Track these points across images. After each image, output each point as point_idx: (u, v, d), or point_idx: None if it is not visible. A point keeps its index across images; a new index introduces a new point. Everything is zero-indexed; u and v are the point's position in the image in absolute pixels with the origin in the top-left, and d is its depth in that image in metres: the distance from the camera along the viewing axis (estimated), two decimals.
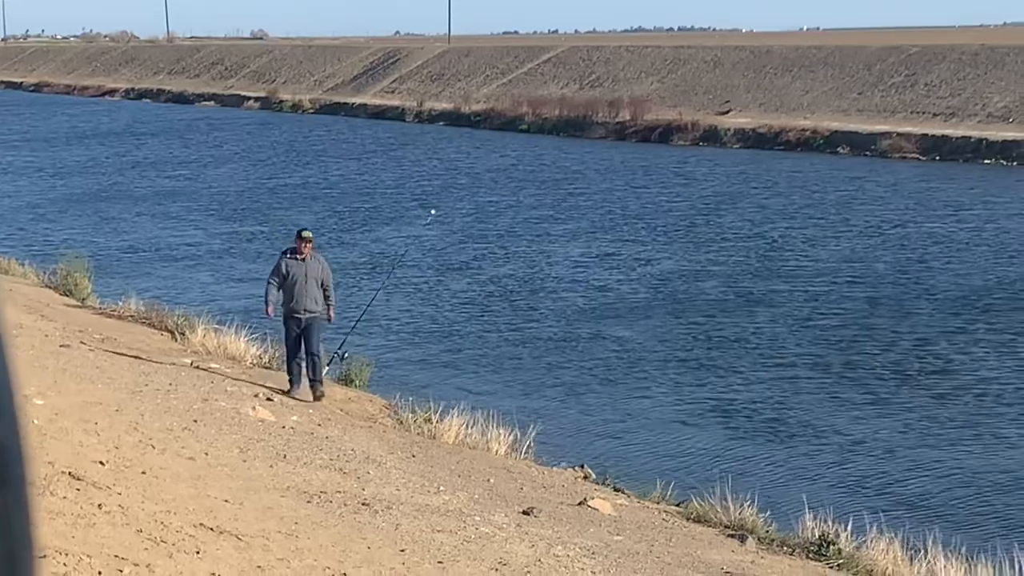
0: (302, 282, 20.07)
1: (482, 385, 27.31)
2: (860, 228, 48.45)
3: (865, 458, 22.90)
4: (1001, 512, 20.18)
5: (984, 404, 26.12)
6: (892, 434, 24.21)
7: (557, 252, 44.24)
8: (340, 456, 16.16)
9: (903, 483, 21.54)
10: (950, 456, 22.93)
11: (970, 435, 24.12)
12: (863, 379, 27.97)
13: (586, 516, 15.96)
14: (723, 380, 28.06)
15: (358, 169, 69.72)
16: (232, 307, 33.29)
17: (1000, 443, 23.68)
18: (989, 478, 21.81)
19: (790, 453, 23.16)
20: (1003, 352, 30.20)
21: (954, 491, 21.16)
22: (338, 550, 10.93)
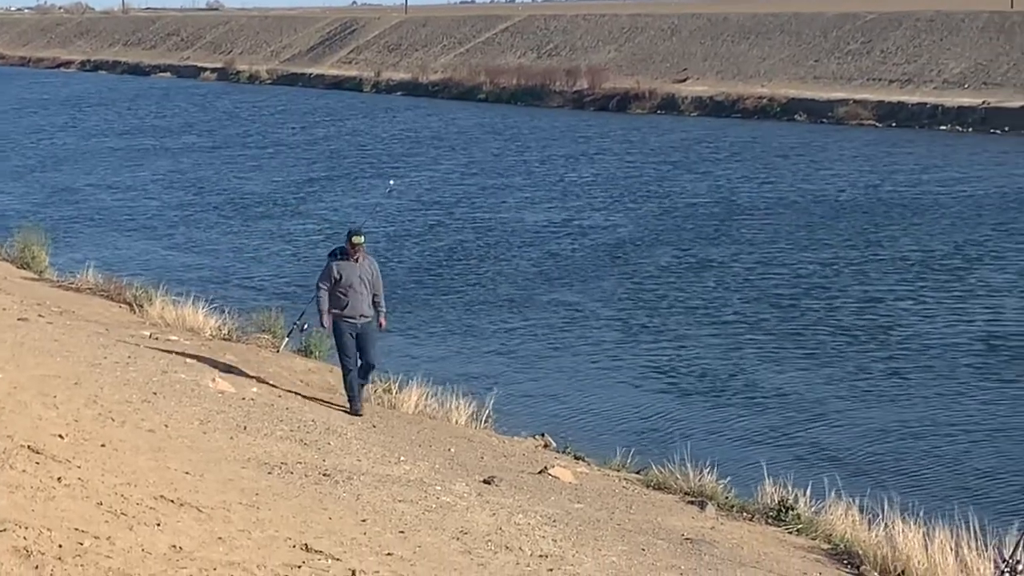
0: (357, 286, 18.29)
1: (441, 353, 27.34)
2: (814, 194, 48.58)
3: (823, 422, 23.02)
4: (958, 474, 20.31)
5: (939, 367, 26.27)
6: (849, 398, 24.33)
7: (512, 219, 44.28)
8: (301, 427, 16.13)
9: (861, 447, 21.66)
10: (908, 420, 23.06)
11: (927, 398, 24.26)
12: (820, 344, 28.09)
13: (547, 484, 15.99)
14: (680, 345, 28.17)
15: (314, 139, 69.48)
16: (188, 278, 33.22)
17: (957, 405, 23.83)
18: (946, 440, 21.95)
19: (748, 418, 23.26)
20: (957, 314, 30.39)
21: (911, 454, 21.28)
22: (299, 521, 10.93)
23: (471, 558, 11.33)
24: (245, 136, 71.32)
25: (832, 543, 15.04)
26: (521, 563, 11.57)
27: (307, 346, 23.56)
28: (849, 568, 14.21)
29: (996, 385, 25.13)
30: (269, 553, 9.39)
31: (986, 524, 14.09)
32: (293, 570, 9.07)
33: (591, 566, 12.11)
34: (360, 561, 9.95)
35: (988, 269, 35.35)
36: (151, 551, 8.66)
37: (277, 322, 24.66)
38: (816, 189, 49.88)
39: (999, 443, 21.84)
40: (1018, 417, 23.20)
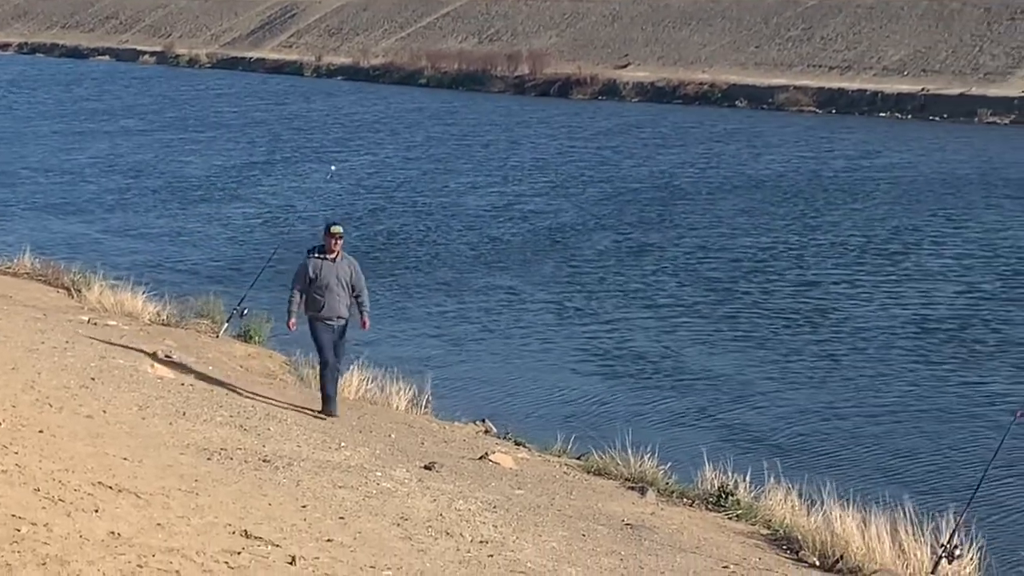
0: (334, 285, 17.44)
1: (380, 338, 27.28)
2: (755, 179, 48.77)
3: (762, 407, 23.13)
4: (896, 459, 20.46)
5: (876, 351, 26.47)
6: (788, 383, 24.47)
7: (452, 204, 44.30)
8: (240, 413, 16.09)
9: (800, 432, 21.78)
10: (845, 404, 23.21)
11: (864, 383, 24.42)
12: (758, 328, 28.24)
13: (487, 470, 16.01)
14: (619, 330, 28.26)
15: (254, 123, 69.14)
16: (126, 262, 33.04)
17: (893, 389, 24.00)
18: (883, 425, 22.11)
19: (688, 403, 23.34)
20: (893, 298, 30.64)
21: (850, 439, 21.42)
22: (239, 507, 10.90)
23: (411, 544, 11.33)
24: (183, 120, 70.87)
25: (771, 529, 15.13)
26: (462, 549, 11.59)
27: (247, 331, 23.50)
28: (788, 553, 14.30)
29: (932, 370, 25.32)
30: (208, 539, 9.37)
31: (923, 509, 14.21)
32: (233, 556, 9.05)
33: (532, 552, 12.13)
34: (300, 547, 9.94)
35: (925, 253, 35.66)
36: (89, 537, 8.62)
37: (216, 307, 24.58)
38: (756, 174, 50.05)
39: (935, 428, 22.01)
40: (953, 401, 23.39)
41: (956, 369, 25.46)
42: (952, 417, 22.62)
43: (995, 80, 70.31)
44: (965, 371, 25.31)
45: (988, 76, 70.97)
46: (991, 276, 33.08)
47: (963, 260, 34.93)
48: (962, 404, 23.33)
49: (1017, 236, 37.85)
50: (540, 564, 11.71)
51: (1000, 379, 24.82)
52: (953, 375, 25.09)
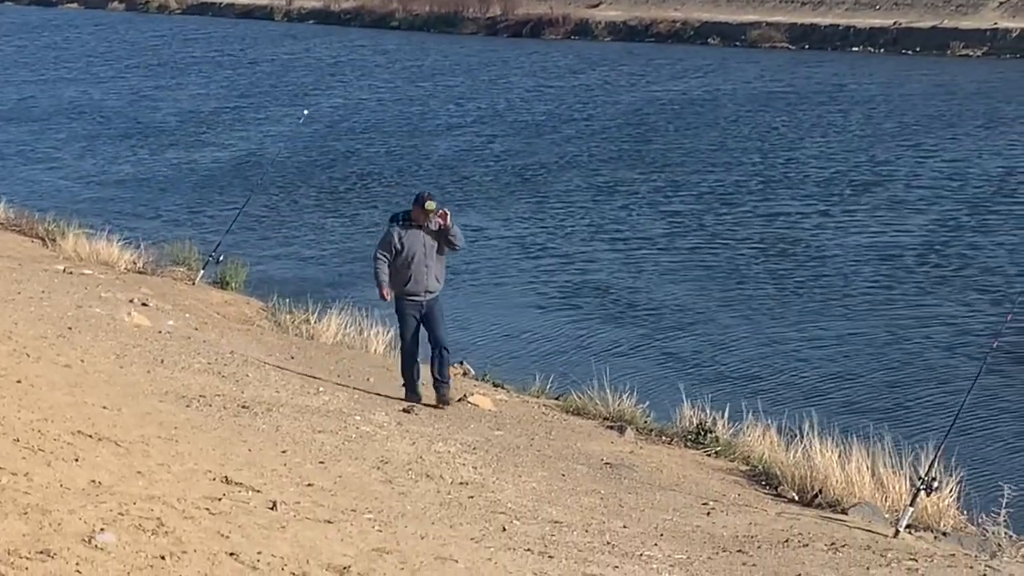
0: (420, 256, 15.51)
1: (354, 281, 27.26)
2: (727, 116, 48.76)
3: (739, 344, 23.20)
4: (873, 392, 20.55)
5: (854, 286, 26.55)
6: (763, 319, 24.53)
7: (424, 145, 44.30)
8: (218, 360, 16.08)
9: (777, 368, 21.85)
10: (822, 339, 23.29)
11: (840, 318, 24.50)
12: (732, 265, 28.32)
13: (466, 412, 16.04)
14: (592, 269, 28.33)
15: (223, 68, 68.75)
16: (100, 210, 32.94)
17: (869, 324, 24.08)
18: (860, 359, 22.19)
19: (664, 341, 23.40)
20: (868, 231, 30.73)
21: (827, 373, 21.50)
22: (219, 453, 10.91)
23: (392, 487, 11.36)
24: (153, 66, 70.37)
25: (750, 464, 15.19)
26: (442, 491, 11.62)
27: (223, 278, 23.47)
28: (767, 488, 14.36)
29: (907, 301, 25.42)
30: (189, 486, 9.38)
31: (901, 442, 14.29)
32: (214, 502, 9.06)
33: (512, 492, 12.17)
34: (281, 492, 9.96)
35: (895, 185, 35.96)
36: (70, 486, 8.62)
37: (192, 254, 24.53)
38: (727, 111, 50.01)
39: (912, 360, 22.11)
40: (928, 333, 23.48)
41: (930, 300, 25.56)
42: (928, 348, 22.72)
43: (967, 13, 70.22)
44: (939, 301, 25.42)
45: (960, 9, 70.87)
46: (961, 205, 33.28)
47: (933, 190, 35.09)
48: (938, 335, 23.43)
49: (986, 166, 37.99)
50: (520, 504, 11.75)
51: (974, 308, 24.93)
52: (927, 306, 25.18)
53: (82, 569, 7.26)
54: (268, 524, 8.88)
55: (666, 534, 11.62)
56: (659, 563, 10.44)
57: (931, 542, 12.60)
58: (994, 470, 16.65)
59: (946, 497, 13.54)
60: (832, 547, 11.61)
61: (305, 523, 9.19)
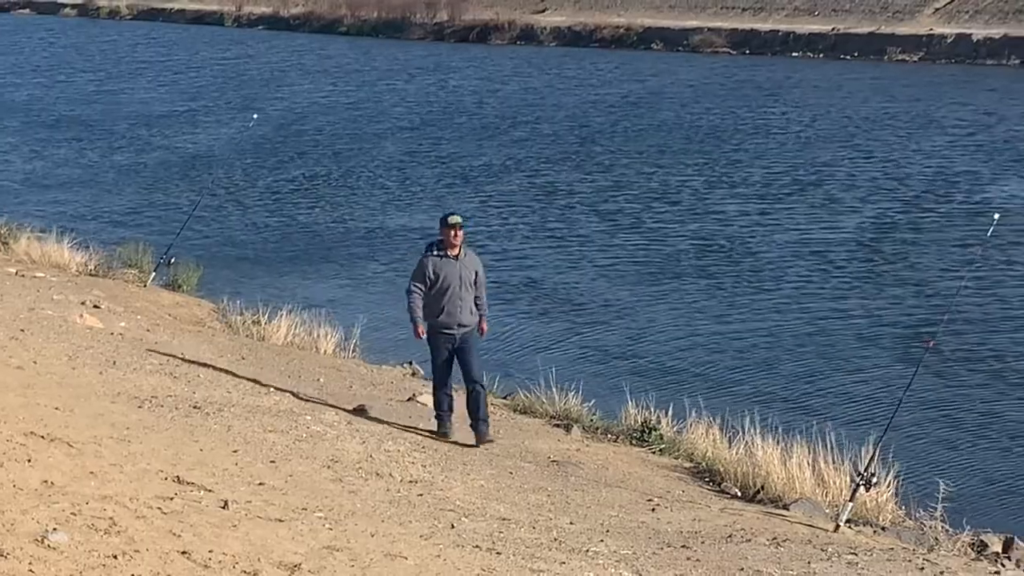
0: (456, 288, 14.51)
1: (305, 283, 27.22)
2: (670, 119, 48.86)
3: (682, 342, 23.26)
4: (815, 390, 20.65)
5: (794, 284, 26.70)
6: (706, 319, 24.60)
7: (371, 148, 44.27)
8: (170, 361, 16.01)
9: (720, 366, 21.92)
10: (764, 338, 23.37)
11: (781, 316, 24.60)
12: (674, 265, 28.44)
13: (415, 411, 16.03)
14: (535, 269, 28.37)
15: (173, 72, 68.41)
16: (49, 213, 32.69)
17: (809, 322, 24.19)
18: (802, 359, 22.28)
19: (608, 340, 23.42)
20: (807, 231, 30.89)
21: (769, 371, 21.59)
22: (171, 453, 10.87)
23: (342, 485, 11.34)
24: (103, 70, 69.98)
25: (694, 461, 15.25)
26: (392, 489, 11.61)
27: (174, 280, 23.38)
28: (711, 485, 14.42)
29: (846, 300, 25.54)
30: (141, 486, 9.34)
31: (842, 439, 14.36)
32: (166, 502, 9.02)
33: (460, 490, 12.17)
34: (232, 491, 9.93)
35: (832, 187, 36.18)
36: (23, 487, 8.57)
37: (144, 257, 24.40)
38: (671, 115, 50.14)
39: (852, 358, 22.21)
40: (867, 332, 23.61)
41: (867, 299, 25.71)
42: (867, 347, 22.84)
43: (903, 19, 70.67)
44: (877, 301, 25.56)
45: (897, 15, 71.31)
46: (897, 204, 33.57)
47: (870, 190, 35.39)
48: (876, 333, 23.56)
49: (920, 167, 38.30)
50: (469, 502, 11.75)
51: (910, 307, 25.08)
52: (865, 305, 25.32)
53: (35, 568, 7.22)
54: (220, 523, 8.85)
55: (612, 530, 11.64)
56: (605, 559, 10.45)
57: (870, 536, 12.67)
58: (931, 466, 16.76)
59: (884, 492, 13.62)
60: (774, 542, 11.65)
61: (256, 522, 9.16)
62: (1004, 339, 23.16)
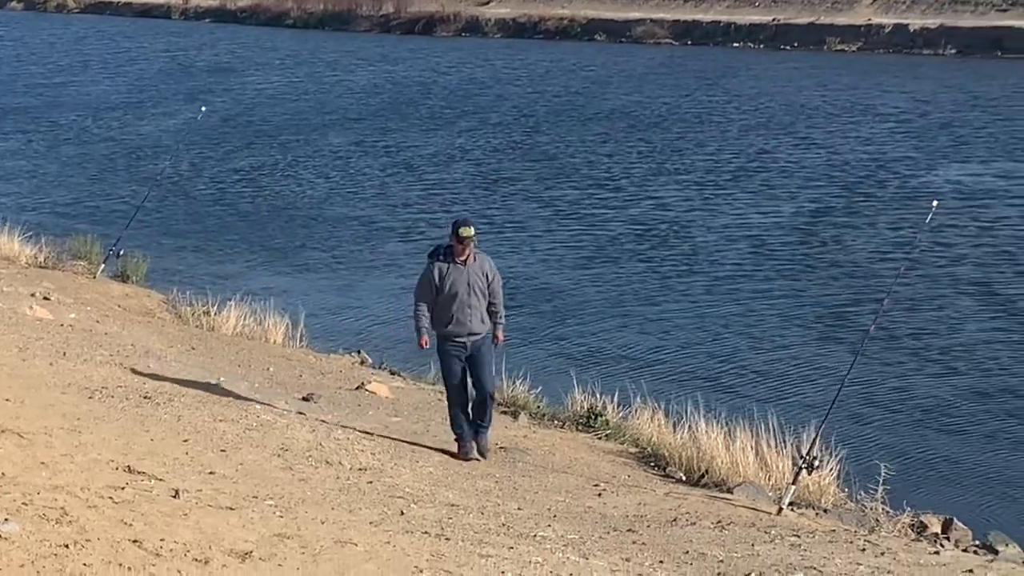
0: (464, 295, 13.55)
1: (252, 273, 27.14)
2: (613, 109, 48.92)
3: (626, 328, 23.30)
4: (758, 375, 20.72)
5: (732, 270, 26.79)
6: (650, 306, 24.65)
7: (316, 140, 44.19)
8: (120, 351, 15.93)
9: (664, 352, 21.98)
10: (707, 326, 23.44)
11: (724, 302, 24.68)
12: (616, 252, 28.51)
13: (364, 400, 16.01)
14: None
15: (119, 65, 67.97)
16: None
17: (752, 308, 24.29)
18: (746, 344, 22.37)
19: (553, 326, 23.43)
20: (748, 221, 30.98)
21: (712, 359, 21.65)
22: (122, 443, 10.81)
23: (292, 473, 11.32)
24: (50, 63, 69.47)
25: (639, 446, 15.29)
26: (341, 477, 11.59)
27: (124, 271, 23.26)
28: (656, 469, 14.47)
29: (789, 288, 25.63)
30: (92, 476, 9.29)
31: (785, 423, 14.42)
32: (117, 492, 8.98)
33: (409, 477, 12.17)
34: (183, 480, 9.89)
35: (771, 174, 36.31)
36: None
37: (93, 248, 24.26)
38: (614, 105, 50.21)
39: (794, 343, 22.32)
40: (810, 317, 23.72)
41: (809, 285, 25.81)
42: (809, 332, 22.95)
43: (842, 9, 70.96)
44: (818, 287, 25.67)
45: (835, 5, 71.58)
46: (835, 191, 33.79)
47: (808, 178, 35.57)
48: (818, 319, 23.67)
49: (857, 155, 38.51)
50: (418, 488, 11.75)
51: (851, 293, 25.20)
52: (807, 291, 25.43)
53: None
54: (171, 512, 8.82)
55: (559, 515, 11.66)
56: (552, 543, 10.47)
57: (813, 519, 12.74)
58: (872, 449, 16.86)
59: (827, 475, 13.70)
60: (718, 525, 11.70)
61: (207, 510, 9.13)
62: (943, 324, 23.32)
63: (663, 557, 10.41)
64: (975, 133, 41.61)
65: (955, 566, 10.34)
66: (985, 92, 50.43)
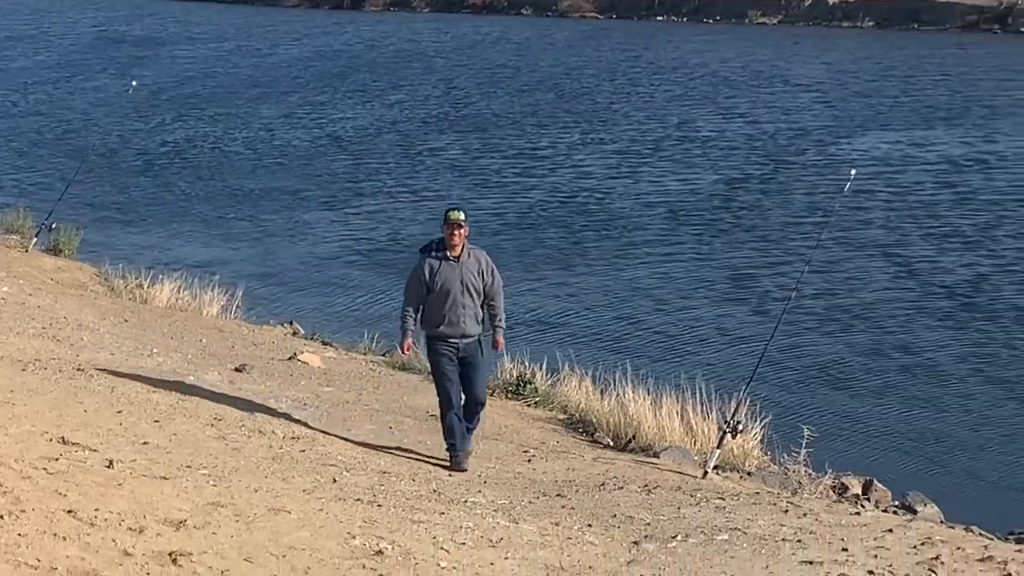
0: (457, 293, 12.35)
1: (185, 247, 26.98)
2: (540, 82, 48.91)
3: (554, 298, 23.36)
4: (683, 344, 20.84)
5: (654, 238, 26.93)
6: (575, 274, 24.72)
7: (247, 113, 43.94)
8: (53, 324, 15.79)
9: (590, 321, 22.05)
10: (630, 293, 23.53)
11: (646, 271, 24.79)
12: (537, 221, 28.60)
13: (296, 370, 15.95)
14: (409, 229, 28.34)
15: (45, 38, 67.25)
16: None
17: (674, 275, 24.39)
18: (669, 311, 22.48)
19: None
20: (672, 190, 31.11)
21: (637, 327, 21.75)
22: (55, 415, 10.73)
23: (226, 443, 11.27)
24: None
25: (568, 413, 15.33)
26: (274, 446, 11.56)
27: (56, 245, 23.04)
28: (584, 436, 14.51)
29: (711, 256, 25.78)
30: (26, 447, 9.21)
31: (710, 389, 14.49)
32: (51, 463, 8.91)
33: (341, 445, 12.16)
34: (117, 451, 9.83)
35: (690, 144, 36.46)
36: None
37: (24, 223, 24.00)
38: (540, 78, 50.18)
39: (718, 311, 22.44)
40: (733, 284, 23.85)
41: (731, 252, 26.01)
42: (733, 299, 23.10)
43: None
44: (740, 254, 25.86)
45: None
46: (757, 162, 34.01)
47: (731, 148, 35.78)
48: (741, 285, 23.83)
49: (778, 125, 38.74)
50: (350, 456, 11.73)
51: (772, 260, 25.38)
52: (729, 258, 25.61)
53: None
54: (105, 482, 8.76)
55: (489, 481, 11.68)
56: (483, 508, 10.49)
57: (737, 481, 12.84)
58: (794, 413, 16.99)
59: (751, 439, 13.79)
60: (645, 488, 11.75)
61: (141, 480, 9.08)
62: (861, 290, 23.52)
63: (591, 521, 10.45)
64: (890, 103, 41.96)
65: (875, 526, 10.42)
66: (901, 63, 50.83)
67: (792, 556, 9.54)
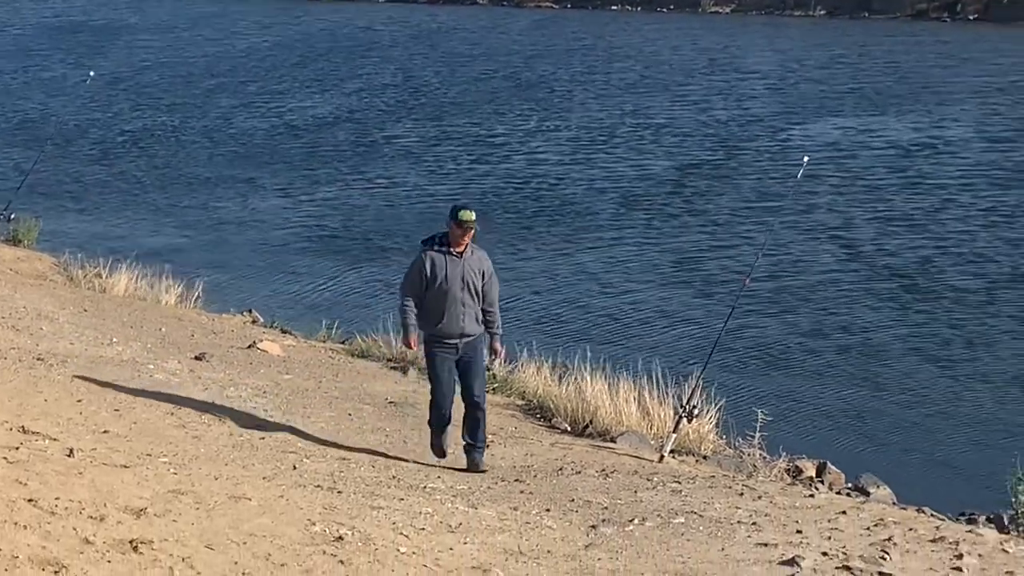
0: (457, 291, 11.67)
1: (145, 236, 26.87)
2: (496, 71, 48.89)
3: (510, 284, 23.33)
4: (640, 330, 20.87)
5: (607, 224, 26.99)
6: (527, 261, 24.74)
7: (205, 104, 43.80)
8: (12, 314, 15.69)
9: (548, 306, 22.07)
10: (585, 280, 23.58)
11: (600, 257, 24.84)
12: (498, 205, 28.63)
13: (256, 358, 15.91)
14: (368, 217, 28.34)
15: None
16: None
17: (631, 263, 24.45)
18: (626, 297, 22.52)
19: None
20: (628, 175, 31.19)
21: (593, 313, 21.78)
22: (15, 404, 10.68)
23: (186, 431, 11.24)
24: None
25: (526, 399, 15.33)
26: (234, 433, 11.53)
27: (15, 235, 22.90)
28: (542, 421, 14.52)
29: (665, 241, 25.84)
30: None
31: (666, 375, 14.52)
32: (11, 452, 8.87)
33: (301, 432, 12.14)
34: (77, 440, 9.79)
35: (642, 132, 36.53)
36: None
37: None
38: (496, 66, 50.15)
39: (673, 296, 22.50)
40: (688, 270, 23.92)
41: (684, 238, 26.08)
42: (688, 285, 23.17)
43: None
44: (693, 240, 25.93)
45: None
46: (710, 148, 34.16)
47: (685, 135, 35.96)
48: (696, 272, 23.90)
49: (731, 112, 38.88)
50: (310, 443, 11.72)
51: (726, 246, 25.45)
52: (683, 244, 25.66)
53: None
54: (66, 470, 8.72)
55: (448, 467, 11.68)
56: (442, 494, 10.49)
57: (693, 465, 12.87)
58: (749, 397, 17.06)
59: (706, 424, 13.84)
60: (603, 473, 11.78)
61: (102, 468, 9.04)
62: (810, 273, 23.64)
63: (549, 505, 10.46)
64: (841, 90, 42.15)
65: (829, 508, 10.48)
66: (852, 51, 51.04)
67: (747, 539, 9.57)
